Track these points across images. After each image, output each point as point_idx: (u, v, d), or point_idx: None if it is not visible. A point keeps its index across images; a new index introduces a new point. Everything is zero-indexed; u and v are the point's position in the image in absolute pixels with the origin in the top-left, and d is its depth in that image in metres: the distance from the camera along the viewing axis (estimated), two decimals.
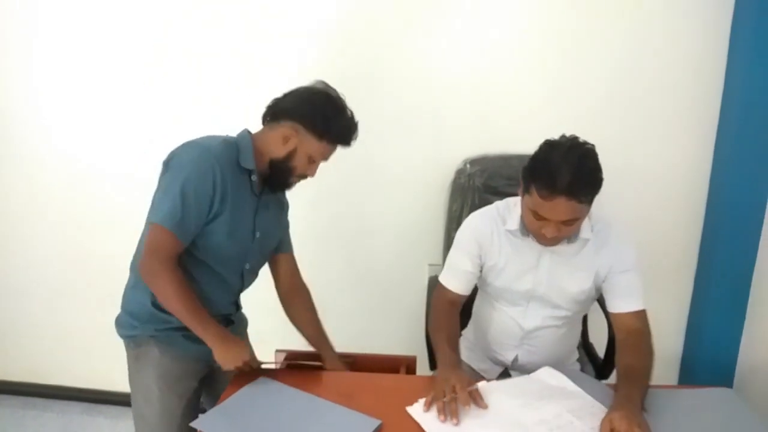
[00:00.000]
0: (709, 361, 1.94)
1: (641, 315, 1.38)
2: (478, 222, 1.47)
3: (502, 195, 1.91)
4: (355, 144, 2.22)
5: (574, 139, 1.29)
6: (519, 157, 1.96)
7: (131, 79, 2.08)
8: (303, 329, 1.55)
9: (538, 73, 1.93)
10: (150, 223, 1.29)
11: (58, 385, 2.50)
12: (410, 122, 2.02)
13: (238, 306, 1.53)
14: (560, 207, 1.23)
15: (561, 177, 1.20)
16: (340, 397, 1.28)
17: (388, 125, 2.03)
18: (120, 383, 2.45)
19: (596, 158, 1.27)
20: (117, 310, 2.40)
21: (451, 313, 1.48)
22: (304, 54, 1.99)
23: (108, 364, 2.44)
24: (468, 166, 1.97)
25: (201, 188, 1.27)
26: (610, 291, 1.40)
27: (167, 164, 1.32)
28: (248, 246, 1.41)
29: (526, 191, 1.29)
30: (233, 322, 1.49)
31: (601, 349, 1.75)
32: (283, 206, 1.55)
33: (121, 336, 1.42)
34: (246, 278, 1.46)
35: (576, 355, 1.63)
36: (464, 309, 1.56)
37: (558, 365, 1.39)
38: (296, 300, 1.55)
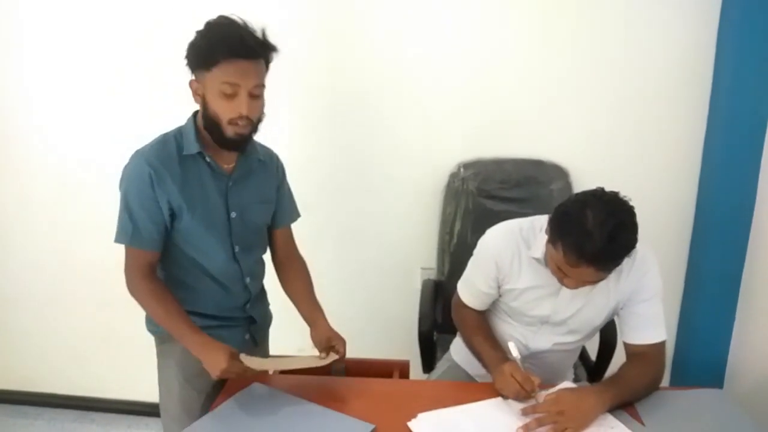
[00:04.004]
0: (700, 362, 1.95)
1: (656, 347, 1.32)
2: (499, 243, 1.38)
3: (496, 199, 1.94)
4: (350, 147, 2.21)
5: (612, 201, 1.16)
6: (513, 161, 1.98)
7: (126, 83, 2.06)
8: (294, 301, 1.50)
9: (531, 78, 1.94)
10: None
11: (49, 392, 2.47)
12: (404, 126, 2.02)
13: (250, 293, 1.46)
14: (586, 274, 1.16)
15: (592, 246, 1.10)
16: (334, 402, 1.28)
17: (381, 129, 2.03)
18: (112, 390, 2.45)
19: (634, 223, 1.15)
20: (108, 315, 2.38)
21: (478, 315, 1.49)
22: (296, 58, 1.98)
23: (100, 371, 2.43)
24: (462, 169, 1.98)
25: (143, 194, 1.27)
26: (627, 321, 1.35)
27: None
28: (227, 228, 1.36)
29: (552, 243, 1.20)
30: (255, 321, 1.49)
31: (593, 352, 1.76)
32: (270, 174, 1.45)
33: (149, 331, 1.45)
34: (242, 261, 1.41)
35: (571, 367, 1.61)
36: None
37: (554, 379, 1.38)
38: (287, 271, 1.52)
